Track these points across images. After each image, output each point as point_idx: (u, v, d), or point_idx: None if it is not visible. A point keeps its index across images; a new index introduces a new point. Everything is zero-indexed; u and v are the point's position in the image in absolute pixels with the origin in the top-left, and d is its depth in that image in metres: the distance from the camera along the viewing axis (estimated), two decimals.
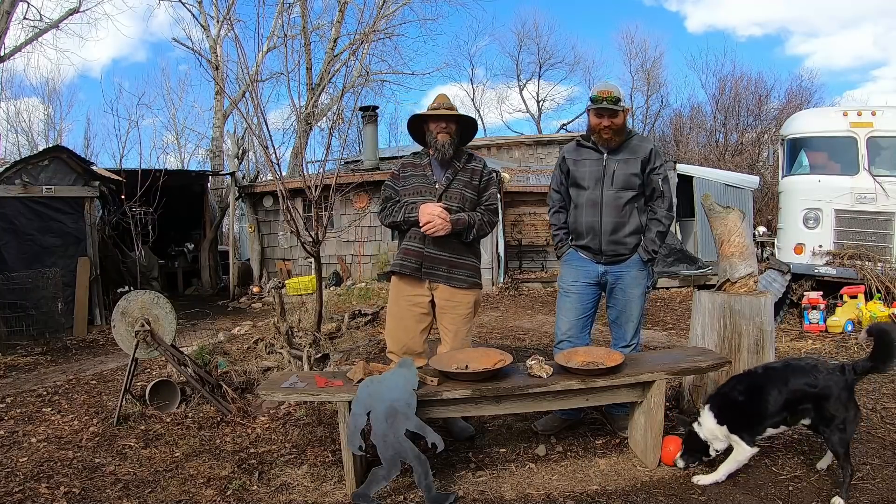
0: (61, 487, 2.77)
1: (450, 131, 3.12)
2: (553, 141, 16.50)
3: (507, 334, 6.29)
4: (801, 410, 2.49)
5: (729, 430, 2.56)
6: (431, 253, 3.10)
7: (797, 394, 2.47)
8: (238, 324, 7.37)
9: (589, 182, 3.16)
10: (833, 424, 2.41)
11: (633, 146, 3.12)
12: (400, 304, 3.20)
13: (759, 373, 2.63)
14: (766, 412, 2.50)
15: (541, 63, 28.11)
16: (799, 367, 2.56)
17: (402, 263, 3.16)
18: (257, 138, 5.02)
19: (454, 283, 3.13)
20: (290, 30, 13.65)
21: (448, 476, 2.76)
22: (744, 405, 2.54)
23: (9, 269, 6.61)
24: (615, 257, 3.14)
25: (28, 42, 11.85)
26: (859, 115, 6.08)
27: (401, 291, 3.20)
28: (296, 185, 8.12)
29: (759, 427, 2.54)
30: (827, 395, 2.43)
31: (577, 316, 3.24)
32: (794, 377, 2.51)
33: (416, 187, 3.16)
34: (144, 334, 3.71)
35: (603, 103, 3.02)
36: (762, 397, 2.52)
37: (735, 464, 2.58)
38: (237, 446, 3.22)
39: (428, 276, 3.12)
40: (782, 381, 2.51)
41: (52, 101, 23.94)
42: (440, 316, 3.21)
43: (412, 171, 3.22)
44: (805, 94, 20.36)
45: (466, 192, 3.15)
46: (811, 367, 2.53)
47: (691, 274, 9.46)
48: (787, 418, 2.53)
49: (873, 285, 5.66)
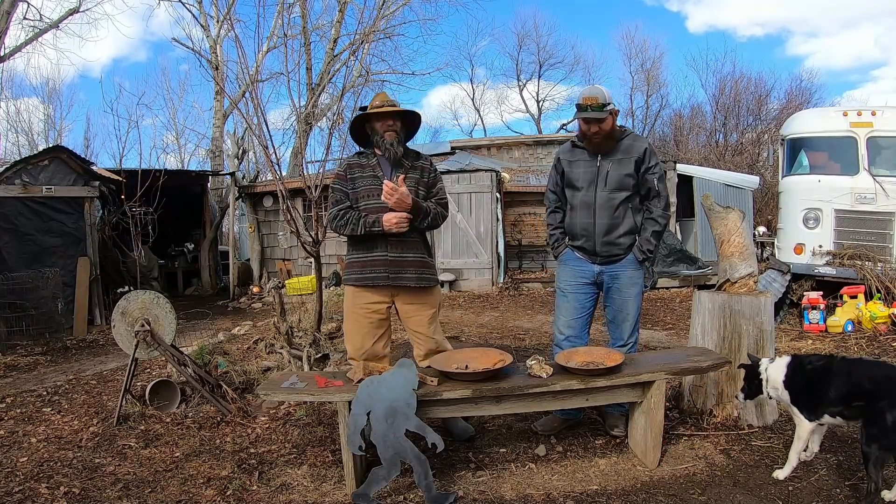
0: (61, 487, 2.77)
1: (396, 129, 3.04)
2: (553, 141, 16.48)
3: (507, 334, 6.29)
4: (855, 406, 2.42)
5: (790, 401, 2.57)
6: (398, 257, 3.00)
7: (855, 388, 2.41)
8: (238, 324, 7.36)
9: (583, 183, 3.15)
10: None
11: (627, 146, 3.10)
12: (357, 312, 3.07)
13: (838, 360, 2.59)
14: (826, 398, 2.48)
15: (541, 63, 28.17)
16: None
17: (365, 276, 3.00)
18: (257, 138, 5.02)
19: (423, 282, 3.05)
20: (290, 30, 13.68)
21: (448, 476, 2.76)
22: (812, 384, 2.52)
23: (9, 269, 6.61)
24: (610, 257, 3.14)
25: (28, 42, 11.87)
26: (859, 115, 6.07)
27: (357, 300, 3.06)
28: (296, 185, 8.13)
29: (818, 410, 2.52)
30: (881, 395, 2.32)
31: (574, 316, 3.24)
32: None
33: (368, 189, 3.02)
34: (144, 334, 3.71)
35: (588, 111, 2.98)
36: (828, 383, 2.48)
37: (801, 442, 2.58)
38: (237, 446, 3.22)
39: (395, 282, 3.00)
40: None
41: (52, 101, 23.99)
42: (406, 321, 3.13)
43: (360, 171, 3.07)
44: (805, 95, 20.42)
45: (419, 190, 3.07)
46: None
47: (691, 274, 9.46)
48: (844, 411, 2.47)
49: (873, 285, 5.66)
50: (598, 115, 2.98)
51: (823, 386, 2.50)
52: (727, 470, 2.73)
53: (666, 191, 3.13)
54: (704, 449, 2.96)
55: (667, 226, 3.26)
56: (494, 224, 9.91)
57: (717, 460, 2.83)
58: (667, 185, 3.16)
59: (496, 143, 16.10)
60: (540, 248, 12.12)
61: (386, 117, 3.04)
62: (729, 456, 2.86)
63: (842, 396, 2.44)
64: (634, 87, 25.89)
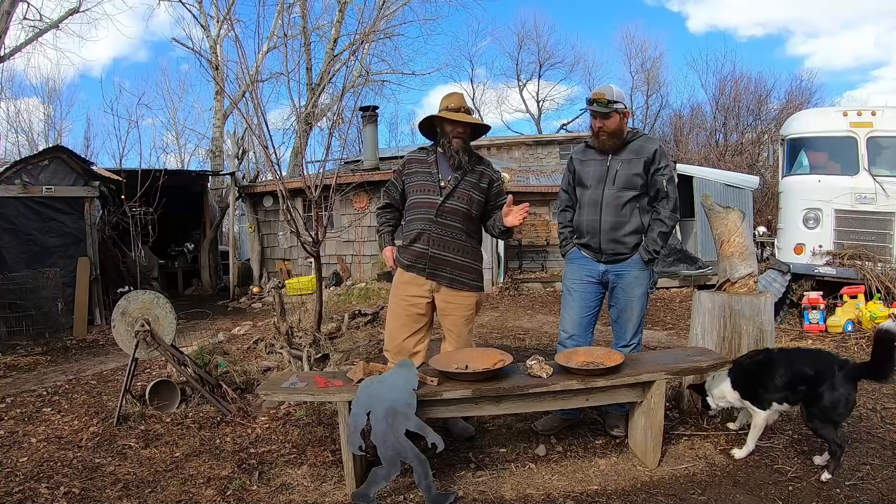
0: (61, 487, 2.77)
1: (464, 136, 3.08)
2: (553, 141, 16.51)
3: (507, 334, 6.29)
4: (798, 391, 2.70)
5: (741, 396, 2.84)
6: (436, 254, 3.07)
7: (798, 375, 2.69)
8: (238, 324, 7.37)
9: (592, 182, 3.17)
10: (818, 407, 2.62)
11: (638, 146, 3.11)
12: (398, 301, 3.17)
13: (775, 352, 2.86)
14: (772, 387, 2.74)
15: (541, 63, 28.20)
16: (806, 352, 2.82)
17: (409, 263, 3.12)
18: (257, 138, 5.02)
19: (456, 284, 3.11)
20: (290, 30, 13.68)
21: (448, 476, 2.76)
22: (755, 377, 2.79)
23: (9, 269, 6.60)
24: (615, 256, 3.14)
25: (28, 42, 11.87)
26: (859, 115, 6.07)
27: (401, 290, 3.18)
28: (296, 185, 8.13)
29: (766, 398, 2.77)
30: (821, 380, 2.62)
31: (580, 314, 3.24)
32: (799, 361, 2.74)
33: (422, 184, 3.11)
34: (144, 334, 3.71)
35: (594, 105, 3.04)
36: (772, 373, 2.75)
37: (757, 430, 2.82)
38: (237, 446, 3.22)
39: (431, 277, 3.10)
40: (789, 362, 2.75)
41: (52, 100, 24.01)
42: (442, 317, 3.20)
43: (417, 167, 3.16)
44: (805, 95, 20.43)
45: (474, 194, 3.10)
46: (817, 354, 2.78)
47: (691, 274, 9.46)
48: (789, 396, 2.73)
49: (873, 285, 5.66)
50: (602, 111, 3.02)
51: (768, 377, 2.76)
52: (727, 470, 2.73)
53: (675, 193, 3.11)
54: (704, 449, 2.96)
55: (674, 227, 3.26)
56: None
57: (717, 460, 2.83)
58: (676, 188, 3.15)
59: (496, 143, 16.11)
60: (540, 248, 12.12)
61: (458, 124, 3.05)
62: (729, 456, 2.85)
63: (786, 383, 2.71)
64: (634, 86, 25.90)
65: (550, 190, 11.67)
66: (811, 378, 2.63)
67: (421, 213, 3.09)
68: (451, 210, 3.06)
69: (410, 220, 3.16)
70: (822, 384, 2.59)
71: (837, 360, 2.67)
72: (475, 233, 3.22)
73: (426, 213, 3.07)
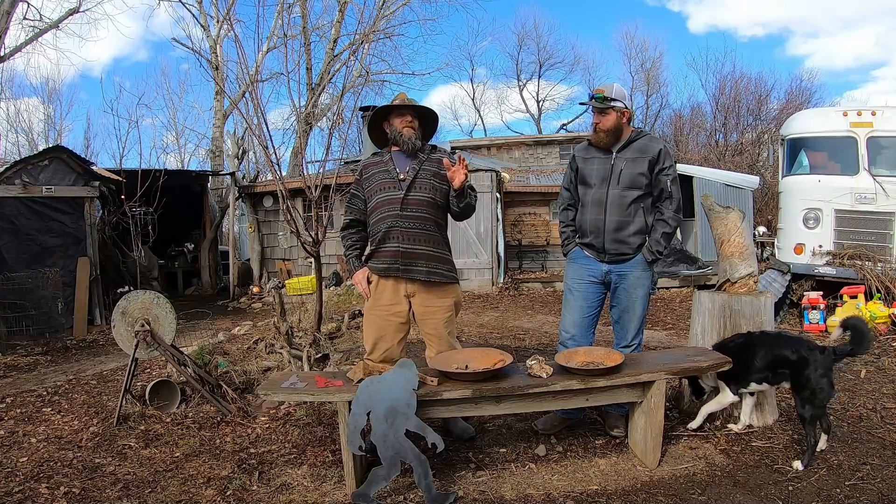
0: (61, 487, 2.77)
1: (414, 126, 3.05)
2: (553, 141, 16.50)
3: (507, 334, 6.29)
4: (780, 374, 2.87)
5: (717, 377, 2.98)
6: (407, 249, 2.96)
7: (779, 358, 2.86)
8: (238, 324, 7.37)
9: (595, 180, 3.16)
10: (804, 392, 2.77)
11: (642, 145, 3.11)
12: (378, 312, 3.05)
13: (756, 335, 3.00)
14: (752, 368, 2.90)
15: (541, 63, 28.20)
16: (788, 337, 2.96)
17: (379, 266, 3.02)
18: (257, 138, 5.02)
19: (435, 277, 3.01)
20: (290, 30, 13.69)
21: (448, 476, 2.76)
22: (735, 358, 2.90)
23: (9, 269, 6.61)
24: (618, 256, 3.13)
25: (28, 42, 11.88)
26: (859, 115, 6.08)
27: (378, 300, 3.05)
28: (296, 185, 8.13)
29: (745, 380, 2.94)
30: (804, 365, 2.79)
31: (581, 314, 3.23)
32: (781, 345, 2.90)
33: (381, 183, 3.02)
34: (144, 334, 3.71)
35: (592, 100, 3.08)
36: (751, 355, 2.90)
37: (717, 405, 3.04)
38: (237, 446, 3.22)
39: (406, 274, 2.98)
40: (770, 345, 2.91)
41: (52, 100, 24.01)
42: (421, 323, 3.10)
43: (374, 168, 3.09)
44: (805, 95, 20.40)
45: (435, 182, 3.02)
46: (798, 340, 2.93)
47: (691, 274, 9.47)
48: (770, 377, 2.90)
49: (873, 285, 5.66)
50: (599, 106, 3.05)
51: (749, 357, 2.89)
52: (727, 470, 2.73)
53: (678, 193, 3.10)
54: (704, 449, 2.96)
55: (677, 228, 3.26)
56: (494, 224, 9.91)
57: (717, 460, 2.83)
58: (679, 188, 3.15)
59: (496, 143, 16.12)
60: (540, 248, 12.12)
61: (404, 113, 3.05)
62: (729, 456, 2.86)
63: (767, 364, 2.87)
64: (634, 86, 25.89)
65: (550, 190, 11.69)
66: (793, 362, 2.81)
67: (385, 211, 2.99)
68: (415, 202, 2.97)
69: (376, 222, 3.03)
70: (807, 368, 2.76)
71: (817, 346, 2.87)
72: (444, 222, 3.14)
73: (391, 210, 2.97)
